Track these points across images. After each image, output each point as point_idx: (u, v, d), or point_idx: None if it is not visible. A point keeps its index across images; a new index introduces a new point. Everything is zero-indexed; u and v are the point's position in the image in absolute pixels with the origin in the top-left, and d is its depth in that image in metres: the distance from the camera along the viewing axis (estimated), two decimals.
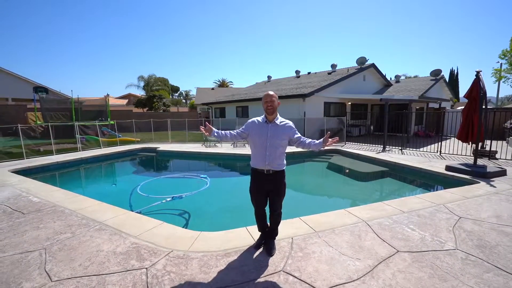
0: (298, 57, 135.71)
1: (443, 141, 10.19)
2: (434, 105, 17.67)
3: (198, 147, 11.55)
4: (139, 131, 16.19)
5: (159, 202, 5.01)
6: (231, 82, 47.05)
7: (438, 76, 17.01)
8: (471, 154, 8.02)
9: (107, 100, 14.98)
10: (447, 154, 8.60)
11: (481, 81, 5.84)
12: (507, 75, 16.24)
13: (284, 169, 2.65)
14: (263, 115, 2.64)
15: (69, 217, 3.74)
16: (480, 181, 5.32)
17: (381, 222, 3.42)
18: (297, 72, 22.30)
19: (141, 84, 32.32)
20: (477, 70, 5.85)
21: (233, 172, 9.29)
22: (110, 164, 9.95)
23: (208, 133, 2.53)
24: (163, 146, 11.99)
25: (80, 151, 10.41)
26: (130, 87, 33.09)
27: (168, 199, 5.16)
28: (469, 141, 6.22)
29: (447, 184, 5.79)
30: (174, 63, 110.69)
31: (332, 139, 2.49)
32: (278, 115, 2.63)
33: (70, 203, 4.31)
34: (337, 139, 2.55)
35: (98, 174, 8.95)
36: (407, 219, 3.51)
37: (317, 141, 2.56)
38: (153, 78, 32.65)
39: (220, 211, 5.14)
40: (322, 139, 2.52)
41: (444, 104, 18.56)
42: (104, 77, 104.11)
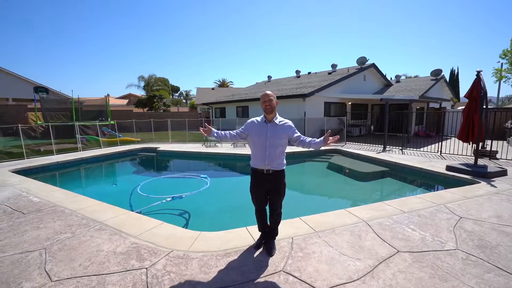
0: (298, 57, 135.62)
1: (443, 141, 10.19)
2: (435, 105, 17.67)
3: (198, 147, 11.55)
4: (139, 131, 16.21)
5: (159, 202, 5.01)
6: (231, 82, 47.12)
7: (438, 76, 17.01)
8: (472, 154, 8.02)
9: (107, 100, 15.03)
10: (447, 154, 8.59)
11: (481, 81, 5.83)
12: (508, 75, 16.19)
13: (284, 169, 2.65)
14: (262, 115, 2.64)
15: (69, 217, 3.74)
16: (481, 181, 5.31)
17: (381, 222, 3.41)
18: (297, 72, 22.30)
19: (142, 84, 32.33)
20: (477, 70, 5.84)
21: (233, 172, 9.29)
22: (110, 164, 9.95)
23: (208, 133, 2.53)
24: (163, 146, 11.99)
25: (80, 151, 10.42)
26: (130, 87, 33.12)
27: (168, 199, 5.16)
28: (470, 141, 6.21)
29: (448, 184, 5.78)
30: (174, 63, 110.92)
31: (332, 138, 2.48)
32: (277, 115, 2.63)
33: (70, 203, 4.31)
34: (338, 138, 2.54)
35: (98, 174, 8.95)
36: (407, 219, 3.50)
37: (318, 140, 2.56)
38: (153, 78, 32.64)
39: (220, 211, 5.14)
40: (322, 138, 2.51)
41: (444, 104, 18.55)
42: (104, 77, 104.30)
